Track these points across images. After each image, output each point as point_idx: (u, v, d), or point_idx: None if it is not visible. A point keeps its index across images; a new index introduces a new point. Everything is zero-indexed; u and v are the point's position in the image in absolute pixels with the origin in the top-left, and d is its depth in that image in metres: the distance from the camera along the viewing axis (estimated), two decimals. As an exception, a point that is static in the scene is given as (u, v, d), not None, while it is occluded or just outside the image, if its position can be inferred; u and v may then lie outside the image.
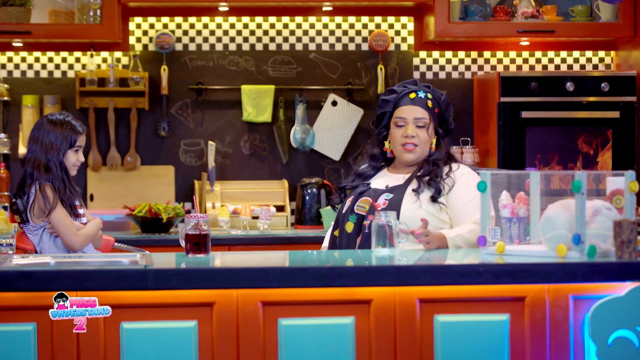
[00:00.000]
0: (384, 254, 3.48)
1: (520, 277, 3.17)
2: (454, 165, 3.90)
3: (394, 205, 3.78)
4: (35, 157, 4.07)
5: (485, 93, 5.82)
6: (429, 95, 3.93)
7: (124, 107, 5.88)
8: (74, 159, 4.12)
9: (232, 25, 5.94)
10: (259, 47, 5.96)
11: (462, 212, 3.80)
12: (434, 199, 3.80)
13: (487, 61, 6.03)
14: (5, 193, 5.72)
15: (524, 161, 5.57)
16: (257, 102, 5.87)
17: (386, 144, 3.99)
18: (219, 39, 5.94)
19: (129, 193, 5.84)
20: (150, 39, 5.90)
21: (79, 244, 4.04)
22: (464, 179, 3.86)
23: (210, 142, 5.84)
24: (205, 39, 5.93)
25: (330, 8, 5.84)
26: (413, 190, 3.83)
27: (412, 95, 3.93)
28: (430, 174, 3.84)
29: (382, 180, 3.95)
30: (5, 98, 5.78)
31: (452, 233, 3.72)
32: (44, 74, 5.87)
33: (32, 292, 3.11)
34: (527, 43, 5.98)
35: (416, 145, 3.90)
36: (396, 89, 4.00)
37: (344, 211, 3.91)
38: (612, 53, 6.05)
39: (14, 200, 4.10)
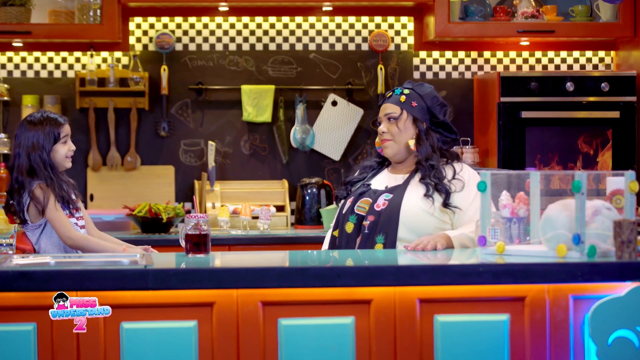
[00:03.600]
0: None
1: (520, 277, 3.16)
2: (457, 166, 3.89)
3: (394, 206, 3.78)
4: (20, 162, 4.07)
5: (485, 93, 5.82)
6: (405, 91, 3.92)
7: (124, 107, 5.88)
8: (64, 150, 4.11)
9: (232, 25, 5.94)
10: (259, 47, 5.95)
11: (467, 214, 3.79)
12: (445, 205, 3.78)
13: (487, 61, 6.03)
14: (5, 193, 5.71)
15: (524, 161, 5.56)
16: (257, 102, 5.87)
17: None
18: (219, 39, 5.94)
19: (129, 193, 5.84)
20: (150, 39, 5.90)
21: (73, 237, 4.00)
22: (467, 179, 3.85)
23: (210, 142, 5.83)
24: (205, 39, 5.93)
25: (330, 8, 5.84)
26: (425, 195, 3.81)
27: (389, 94, 3.96)
28: (432, 177, 3.82)
29: (382, 180, 3.95)
30: (5, 98, 5.78)
31: (456, 232, 3.70)
32: (44, 74, 5.86)
33: (32, 292, 3.11)
34: (527, 43, 5.98)
35: (389, 140, 3.91)
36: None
37: (344, 211, 3.91)
38: (612, 53, 6.05)
39: (11, 202, 4.11)
